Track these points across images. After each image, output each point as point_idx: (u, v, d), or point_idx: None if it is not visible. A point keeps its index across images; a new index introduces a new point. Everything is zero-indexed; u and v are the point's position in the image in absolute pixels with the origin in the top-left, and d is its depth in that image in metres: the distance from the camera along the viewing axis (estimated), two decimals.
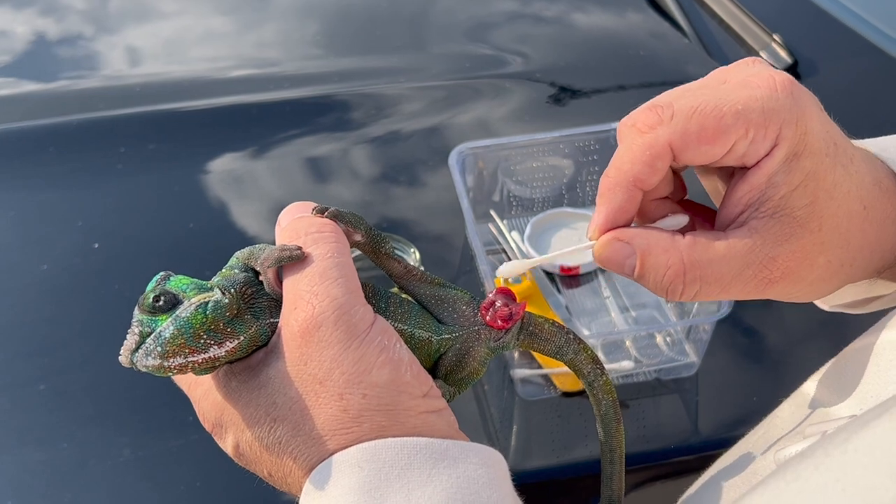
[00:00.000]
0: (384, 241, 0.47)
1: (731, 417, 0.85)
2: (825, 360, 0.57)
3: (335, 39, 1.33)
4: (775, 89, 0.43)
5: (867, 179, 0.45)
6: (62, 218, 1.01)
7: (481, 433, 0.83)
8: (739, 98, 0.43)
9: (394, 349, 0.42)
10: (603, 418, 0.53)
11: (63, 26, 1.32)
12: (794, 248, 0.44)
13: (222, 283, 0.43)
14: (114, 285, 0.93)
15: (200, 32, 1.32)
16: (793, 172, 0.43)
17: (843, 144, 0.45)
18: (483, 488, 0.40)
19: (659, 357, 0.87)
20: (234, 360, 0.43)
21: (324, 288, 0.41)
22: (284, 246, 0.43)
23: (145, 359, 0.40)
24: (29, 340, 0.89)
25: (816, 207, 0.44)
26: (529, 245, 0.96)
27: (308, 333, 0.41)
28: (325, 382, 0.40)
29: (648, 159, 0.44)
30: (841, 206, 0.44)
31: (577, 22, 1.37)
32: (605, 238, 0.46)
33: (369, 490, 0.39)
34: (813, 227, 0.44)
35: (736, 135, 0.43)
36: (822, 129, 0.44)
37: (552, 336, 0.51)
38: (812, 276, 0.45)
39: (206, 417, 0.45)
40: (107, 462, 0.78)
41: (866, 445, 0.33)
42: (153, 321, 0.41)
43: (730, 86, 0.44)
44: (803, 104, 0.43)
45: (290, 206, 0.46)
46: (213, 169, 1.09)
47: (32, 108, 1.16)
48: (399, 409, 0.41)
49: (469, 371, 0.48)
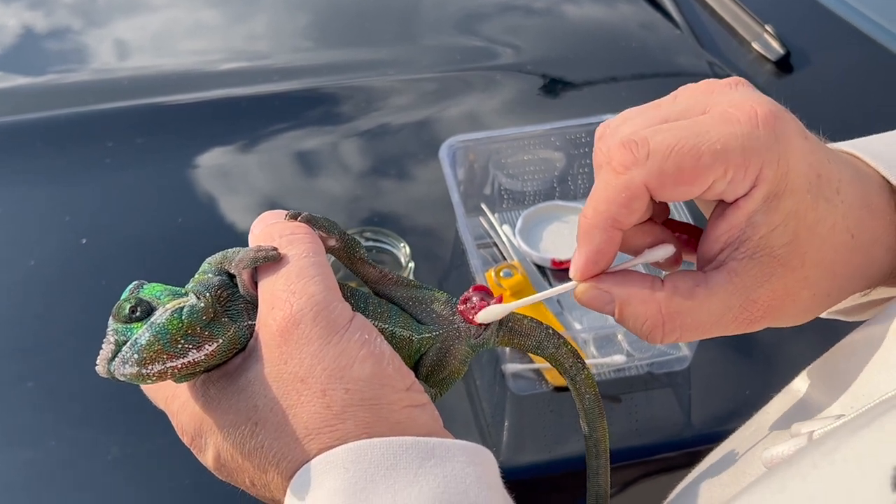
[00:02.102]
0: (358, 247, 0.47)
1: (724, 411, 0.84)
2: (817, 355, 0.57)
3: (325, 32, 1.32)
4: (756, 125, 0.42)
5: (855, 205, 0.44)
6: (50, 213, 1.00)
7: (473, 428, 0.82)
8: (719, 136, 0.41)
9: (374, 343, 0.42)
10: (587, 413, 0.53)
11: (51, 20, 1.31)
12: (775, 286, 0.43)
13: (196, 288, 0.42)
14: (102, 281, 0.93)
15: (190, 25, 1.31)
16: (772, 212, 0.42)
17: (828, 175, 0.43)
18: (471, 487, 0.40)
19: (651, 351, 0.86)
20: (213, 365, 0.42)
21: (301, 286, 0.41)
22: (260, 247, 0.43)
23: (122, 367, 0.40)
24: (16, 337, 0.88)
25: (798, 245, 0.43)
26: (521, 238, 0.95)
27: (287, 332, 0.40)
28: (306, 380, 0.40)
29: (624, 201, 0.43)
30: (825, 241, 0.44)
31: (568, 13, 1.36)
32: (586, 286, 0.46)
33: (355, 492, 0.38)
34: (795, 265, 0.43)
35: (714, 175, 0.42)
36: (804, 163, 0.43)
37: (532, 331, 0.51)
38: (796, 309, 0.45)
39: (185, 430, 0.44)
40: (95, 461, 0.78)
41: (855, 455, 0.33)
42: (128, 329, 0.40)
43: (709, 118, 0.43)
44: (786, 139, 0.42)
45: (263, 214, 0.46)
46: (203, 163, 1.08)
47: (20, 103, 1.15)
48: (383, 403, 0.41)
49: (450, 370, 0.48)
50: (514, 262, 0.93)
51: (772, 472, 0.37)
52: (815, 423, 0.44)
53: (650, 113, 0.45)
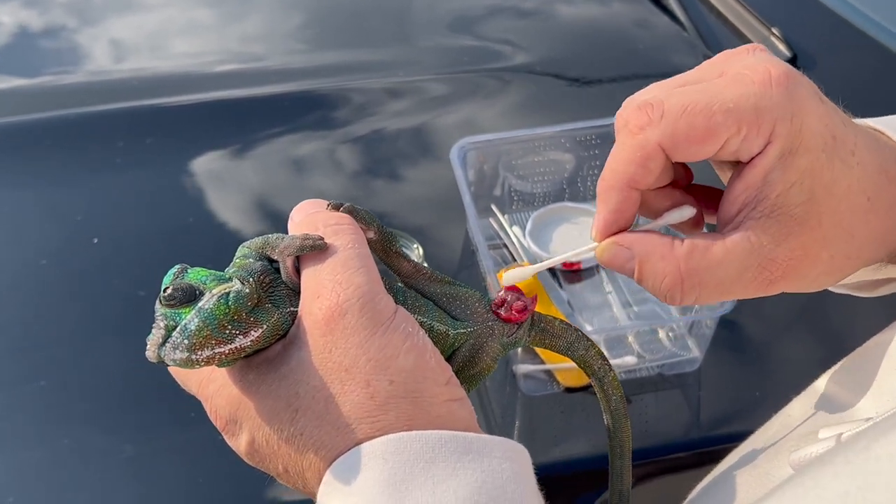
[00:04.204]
0: (394, 240, 0.48)
1: (734, 413, 0.85)
2: (828, 356, 0.57)
3: (326, 32, 1.32)
4: (769, 84, 0.43)
5: (871, 169, 0.45)
6: (61, 213, 1.00)
7: (483, 429, 0.82)
8: (731, 95, 0.43)
9: (417, 336, 0.42)
10: (613, 414, 0.53)
11: (45, 18, 1.31)
12: (793, 246, 0.44)
13: (240, 273, 0.42)
14: (113, 280, 0.93)
15: (184, 24, 1.31)
16: (788, 170, 0.43)
17: (843, 137, 0.44)
18: (508, 482, 0.40)
19: (662, 352, 0.87)
20: (255, 350, 0.42)
21: (347, 276, 0.41)
22: (307, 235, 0.43)
23: (173, 352, 0.40)
24: (28, 336, 0.88)
25: (814, 204, 0.43)
26: (531, 240, 0.95)
27: (333, 321, 0.40)
28: (350, 370, 0.40)
29: (640, 160, 0.44)
30: (842, 201, 0.44)
31: (576, 14, 1.36)
32: (606, 243, 0.47)
33: (394, 483, 0.38)
34: (812, 225, 0.44)
35: (727, 133, 0.43)
36: (819, 123, 0.43)
37: (563, 333, 0.51)
38: (816, 271, 0.45)
39: (220, 414, 0.44)
40: (109, 459, 0.78)
41: (888, 454, 0.33)
42: (176, 314, 0.40)
43: (724, 80, 0.44)
44: (799, 99, 0.43)
45: (303, 202, 0.46)
46: (213, 163, 1.08)
47: (21, 102, 1.15)
48: (425, 396, 0.41)
49: (481, 367, 0.48)
50: (524, 263, 0.94)
51: (802, 471, 0.37)
52: (843, 426, 0.44)
53: (670, 81, 0.46)
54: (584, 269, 0.95)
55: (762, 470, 0.50)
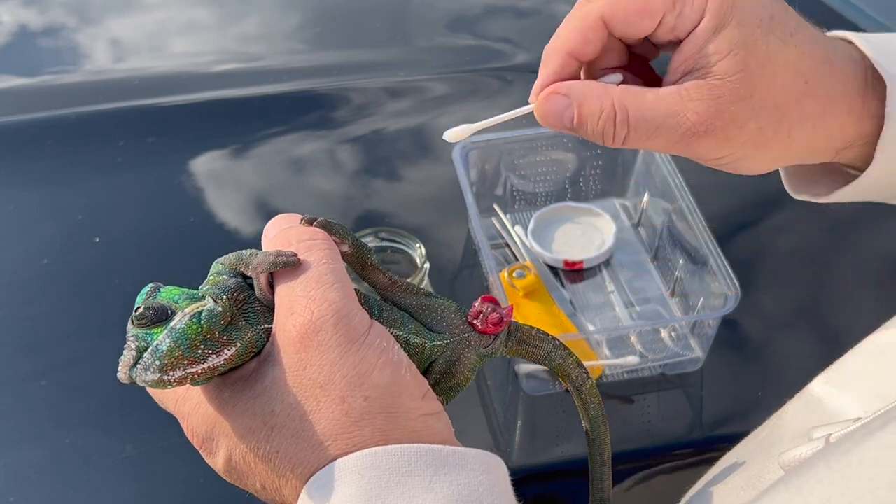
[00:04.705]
0: (370, 253, 0.48)
1: (736, 413, 0.85)
2: (830, 356, 0.57)
3: (328, 32, 1.32)
4: None
5: (813, 55, 0.48)
6: (62, 212, 1.00)
7: (485, 429, 0.83)
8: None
9: (392, 351, 0.42)
10: (592, 422, 0.54)
11: (44, 18, 1.30)
12: (720, 107, 0.47)
13: (213, 291, 0.42)
14: (115, 279, 0.93)
15: (186, 24, 1.31)
16: (721, 41, 0.47)
17: (783, 19, 0.48)
18: (484, 495, 0.40)
19: (664, 352, 0.87)
20: (229, 369, 0.42)
21: (321, 293, 0.41)
22: (280, 252, 0.42)
23: (145, 373, 0.39)
24: (30, 336, 0.88)
25: (747, 76, 0.47)
26: (533, 239, 0.95)
27: (307, 338, 0.40)
28: (325, 387, 0.40)
29: (581, 29, 0.49)
30: (776, 76, 0.48)
31: None
32: (545, 93, 0.50)
33: (370, 497, 0.38)
34: (743, 94, 0.47)
35: (663, 7, 0.47)
36: (754, 2, 0.47)
37: (540, 342, 0.52)
38: (742, 138, 0.48)
39: (196, 432, 0.44)
40: (109, 459, 0.78)
41: (871, 458, 0.33)
42: (148, 335, 0.40)
43: None
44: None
45: (277, 217, 0.46)
46: (214, 162, 1.08)
47: (22, 102, 1.15)
48: (400, 411, 0.41)
49: (458, 378, 0.48)
50: (526, 263, 0.93)
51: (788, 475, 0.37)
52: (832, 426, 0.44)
53: None
54: (586, 269, 0.95)
55: (754, 472, 0.50)
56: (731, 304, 0.81)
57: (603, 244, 0.95)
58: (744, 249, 0.97)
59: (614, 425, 0.82)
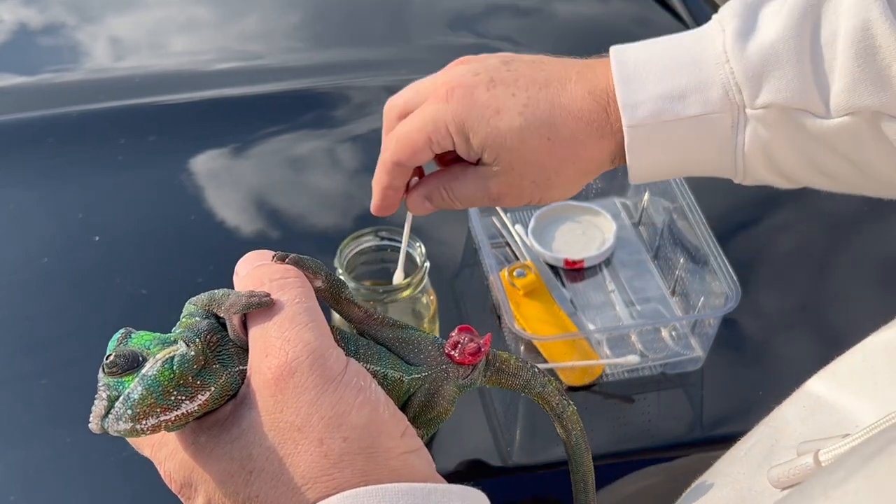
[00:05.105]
0: (344, 287, 0.47)
1: (737, 412, 0.85)
2: (830, 356, 0.57)
3: (329, 31, 1.32)
4: (440, 99, 0.63)
5: (543, 118, 0.62)
6: (62, 211, 1.00)
7: (485, 428, 0.83)
8: (422, 116, 0.64)
9: (370, 389, 0.41)
10: (574, 448, 0.54)
11: (44, 16, 1.30)
12: (500, 181, 0.65)
13: (185, 334, 0.42)
14: (115, 278, 0.93)
15: (186, 22, 1.31)
16: (472, 148, 0.64)
17: (508, 107, 0.62)
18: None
19: (664, 351, 0.87)
20: (205, 413, 0.42)
21: (295, 333, 0.41)
22: (252, 292, 0.42)
23: (116, 423, 0.39)
24: (30, 335, 0.88)
25: (502, 159, 0.63)
26: (533, 238, 0.95)
27: (283, 380, 0.40)
28: (303, 429, 0.40)
29: (387, 171, 0.67)
30: (521, 148, 0.62)
31: (576, 12, 1.36)
32: (412, 201, 0.70)
33: None
34: (507, 169, 0.64)
35: (426, 143, 0.64)
36: (481, 110, 0.62)
37: (519, 371, 0.52)
38: (528, 191, 0.65)
39: (174, 478, 0.43)
40: (109, 458, 0.78)
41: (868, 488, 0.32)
42: (119, 383, 0.39)
43: (423, 106, 0.64)
44: (462, 99, 0.62)
45: (248, 255, 0.46)
46: (214, 160, 1.08)
47: (23, 101, 1.14)
48: (380, 450, 0.40)
49: (438, 411, 0.48)
50: (527, 262, 0.93)
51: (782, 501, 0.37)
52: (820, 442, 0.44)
53: (404, 105, 0.68)
54: (587, 268, 0.95)
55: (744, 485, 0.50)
56: (732, 303, 0.81)
57: (603, 243, 0.95)
58: (744, 249, 0.97)
59: (614, 425, 0.83)
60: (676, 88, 0.60)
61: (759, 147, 0.61)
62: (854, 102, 0.57)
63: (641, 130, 0.61)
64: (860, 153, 0.59)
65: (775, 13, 0.60)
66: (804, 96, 0.58)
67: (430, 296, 0.80)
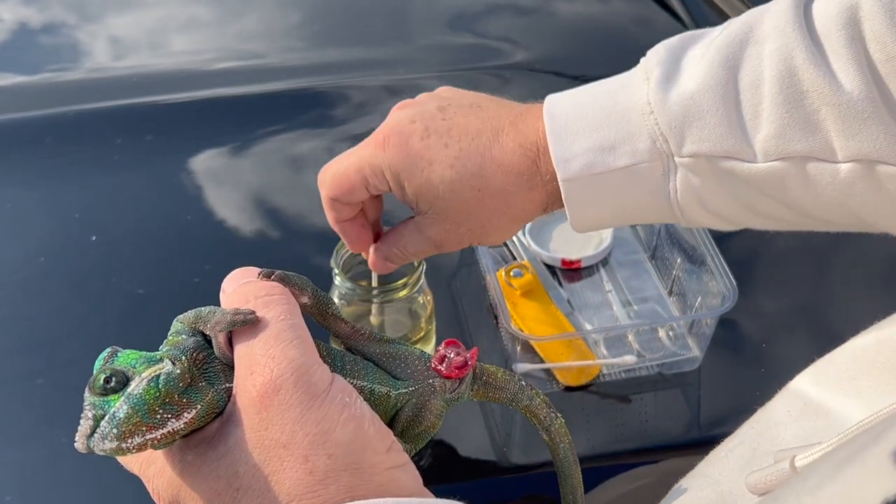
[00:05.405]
0: (330, 303, 0.48)
1: (734, 412, 0.84)
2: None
3: (331, 30, 1.32)
4: (378, 146, 0.64)
5: (473, 170, 0.63)
6: (59, 210, 1.00)
7: (483, 428, 0.82)
8: (360, 158, 0.65)
9: (355, 406, 0.41)
10: (562, 461, 0.55)
11: (44, 16, 1.30)
12: (438, 230, 0.66)
13: (172, 353, 0.42)
14: (112, 278, 0.93)
15: (185, 22, 1.31)
16: (406, 196, 0.65)
17: (440, 158, 0.63)
18: None
19: (661, 351, 0.86)
20: (192, 430, 0.42)
21: (280, 350, 0.41)
22: (237, 310, 0.42)
23: (102, 442, 0.39)
24: (25, 334, 0.88)
25: (433, 207, 0.65)
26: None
27: (267, 398, 0.40)
28: (288, 446, 0.40)
29: (329, 207, 0.68)
30: (452, 199, 0.64)
31: (576, 11, 1.36)
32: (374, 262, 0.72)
33: None
34: (442, 217, 0.65)
35: (361, 184, 0.65)
36: (414, 159, 0.63)
37: (506, 384, 0.52)
38: (466, 237, 0.67)
39: (162, 496, 0.43)
40: (105, 458, 0.77)
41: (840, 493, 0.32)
42: (105, 402, 0.40)
43: (359, 149, 0.66)
44: (398, 148, 0.63)
45: (234, 272, 0.46)
46: (212, 160, 1.08)
47: (23, 100, 1.14)
48: (365, 466, 0.40)
49: (426, 425, 0.48)
50: (524, 262, 0.93)
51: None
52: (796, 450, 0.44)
53: None
54: (584, 268, 0.94)
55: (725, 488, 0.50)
56: (729, 303, 0.81)
57: (601, 243, 0.95)
58: (742, 248, 0.97)
59: (611, 425, 0.83)
60: (606, 140, 0.60)
61: (691, 193, 0.61)
62: (784, 148, 0.56)
63: (576, 184, 0.61)
64: (792, 197, 0.59)
65: (697, 60, 0.59)
66: (729, 144, 0.58)
67: (426, 296, 0.80)
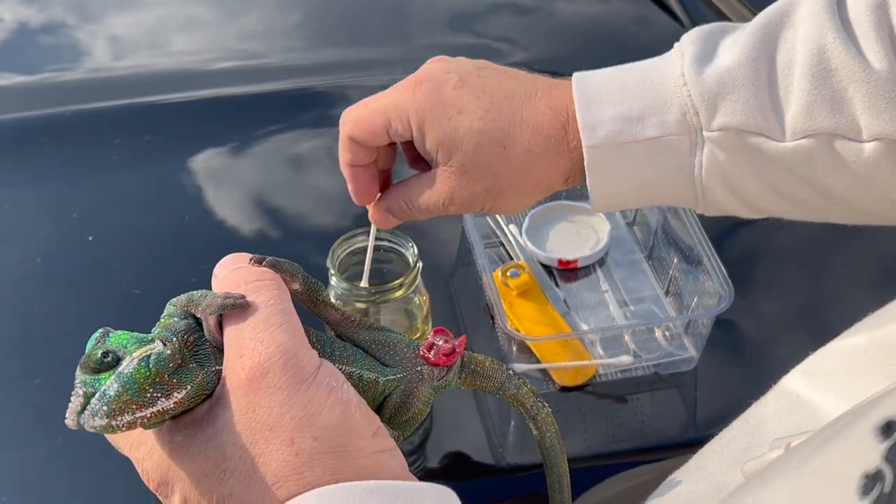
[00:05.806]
0: (321, 290, 0.48)
1: (730, 412, 0.83)
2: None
3: (331, 29, 1.32)
4: (409, 88, 0.63)
5: (500, 125, 0.62)
6: (57, 210, 1.00)
7: (479, 428, 0.83)
8: (387, 100, 0.64)
9: (342, 390, 0.42)
10: (549, 451, 0.55)
11: (44, 15, 1.31)
12: (454, 184, 0.64)
13: (163, 334, 0.42)
14: (109, 278, 0.93)
15: (185, 21, 1.31)
16: (429, 143, 0.63)
17: (469, 108, 0.62)
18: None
19: (658, 351, 0.86)
20: (181, 411, 0.42)
21: (268, 334, 0.41)
22: (228, 294, 0.43)
23: (92, 419, 0.40)
24: (23, 334, 0.88)
25: (454, 159, 0.63)
26: (527, 238, 0.95)
27: (255, 381, 0.41)
28: (275, 428, 0.40)
29: (345, 148, 0.66)
30: (476, 152, 0.62)
31: (576, 11, 1.36)
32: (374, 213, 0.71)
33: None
34: (460, 171, 0.64)
35: (383, 127, 0.64)
36: (444, 104, 0.62)
37: (493, 373, 0.53)
38: (478, 198, 0.65)
39: (151, 477, 0.44)
40: (103, 458, 0.78)
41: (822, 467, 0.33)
42: (96, 380, 0.40)
43: (389, 91, 0.65)
44: (427, 95, 0.62)
45: (226, 258, 0.47)
46: (211, 160, 1.08)
47: (22, 99, 1.15)
48: (350, 450, 0.41)
49: (413, 412, 0.48)
50: (521, 262, 0.93)
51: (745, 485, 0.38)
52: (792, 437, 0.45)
53: None
54: (581, 268, 0.94)
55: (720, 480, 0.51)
56: (725, 303, 0.81)
57: (597, 243, 0.95)
58: (738, 249, 0.97)
59: (608, 425, 0.83)
60: (635, 110, 0.61)
61: (716, 170, 0.61)
62: (810, 125, 0.57)
63: (601, 152, 0.61)
64: (818, 176, 0.60)
65: (733, 42, 0.61)
66: (760, 119, 0.58)
67: (422, 296, 0.80)
